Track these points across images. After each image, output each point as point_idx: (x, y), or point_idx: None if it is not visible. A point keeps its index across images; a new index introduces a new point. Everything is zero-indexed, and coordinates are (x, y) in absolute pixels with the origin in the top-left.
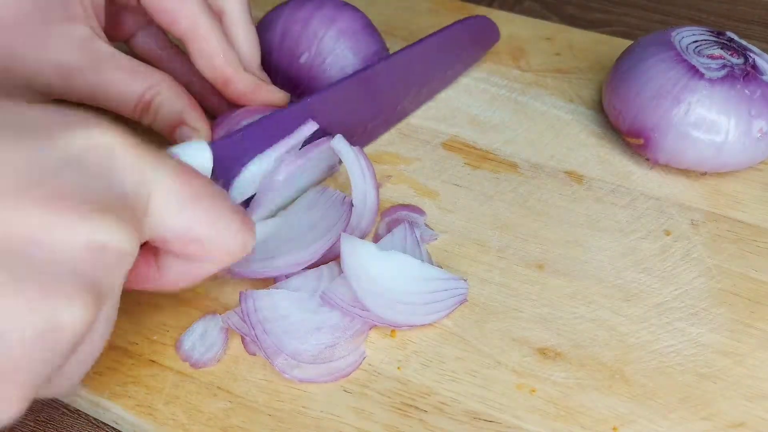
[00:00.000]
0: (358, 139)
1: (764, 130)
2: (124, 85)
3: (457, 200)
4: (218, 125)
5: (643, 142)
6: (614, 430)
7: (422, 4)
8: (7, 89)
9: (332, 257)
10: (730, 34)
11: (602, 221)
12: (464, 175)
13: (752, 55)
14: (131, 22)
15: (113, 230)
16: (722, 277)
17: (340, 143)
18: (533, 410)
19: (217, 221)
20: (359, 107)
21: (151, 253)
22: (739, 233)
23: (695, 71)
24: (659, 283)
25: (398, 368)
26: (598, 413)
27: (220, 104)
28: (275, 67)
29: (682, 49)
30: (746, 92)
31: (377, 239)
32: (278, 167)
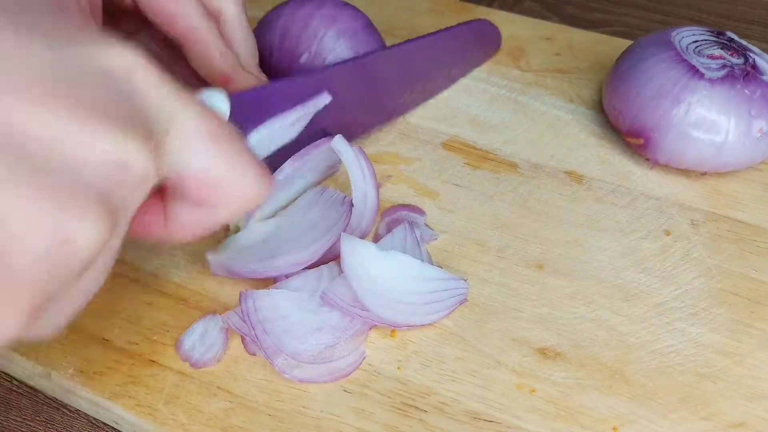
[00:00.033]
0: (355, 129)
1: (764, 130)
2: None
3: (457, 200)
4: None
5: (643, 142)
6: (614, 430)
7: (422, 4)
8: None
9: (332, 257)
10: (730, 34)
11: (602, 221)
12: (464, 175)
13: (752, 55)
14: (129, 22)
15: (135, 150)
16: (722, 277)
17: (340, 143)
18: (533, 410)
19: (236, 164)
20: (358, 93)
21: (158, 198)
22: (739, 233)
23: (695, 71)
24: (659, 283)
25: (398, 368)
26: (598, 413)
27: None
28: (275, 67)
29: (682, 49)
30: (746, 92)
31: (377, 239)
32: (280, 169)
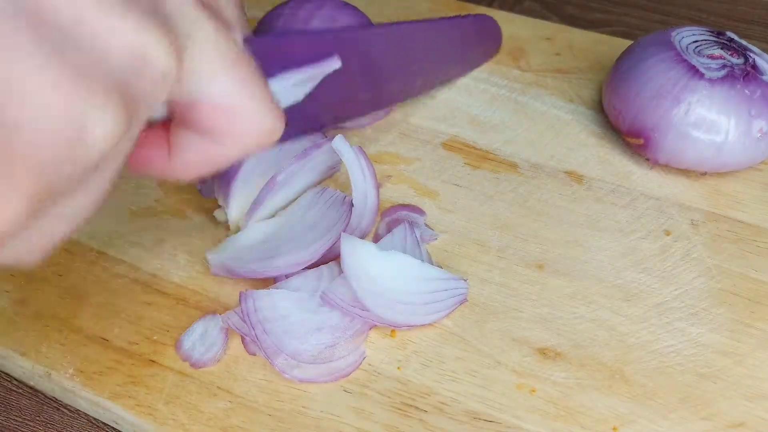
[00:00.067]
0: (355, 107)
1: (764, 130)
2: None
3: (457, 200)
4: None
5: (643, 142)
6: (614, 430)
7: (422, 3)
8: None
9: (332, 257)
10: (730, 34)
11: (602, 221)
12: (464, 175)
13: (752, 55)
14: None
15: (158, 44)
16: (722, 277)
17: (340, 143)
18: (533, 410)
19: (253, 94)
20: (362, 64)
21: (163, 130)
22: (739, 233)
23: (695, 71)
24: (659, 283)
25: (398, 368)
26: (598, 413)
27: None
28: None
29: (682, 49)
30: (746, 92)
31: (377, 239)
32: (280, 169)
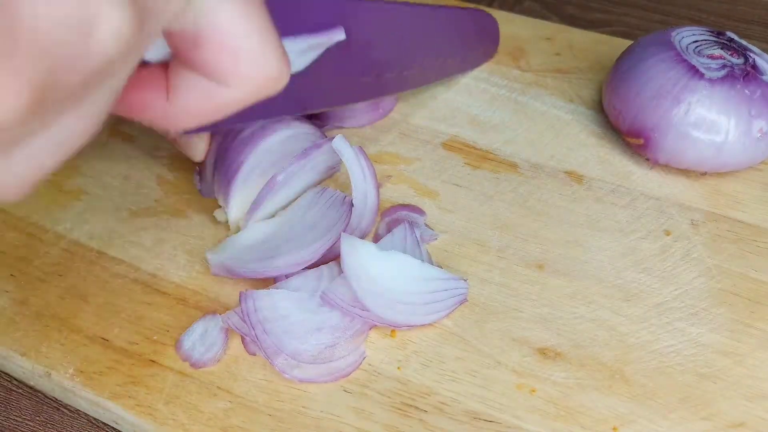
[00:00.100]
0: (351, 90)
1: (764, 130)
2: None
3: (457, 200)
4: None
5: (643, 142)
6: (614, 430)
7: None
8: None
9: (332, 257)
10: (730, 34)
11: (602, 221)
12: (464, 175)
13: (752, 55)
14: None
15: None
16: (722, 277)
17: (340, 143)
18: (533, 410)
19: (260, 33)
20: (361, 41)
21: (161, 72)
22: (739, 233)
23: (695, 71)
24: (659, 283)
25: (398, 368)
26: (598, 413)
27: None
28: None
29: (682, 49)
30: (746, 92)
31: (377, 239)
32: (280, 169)
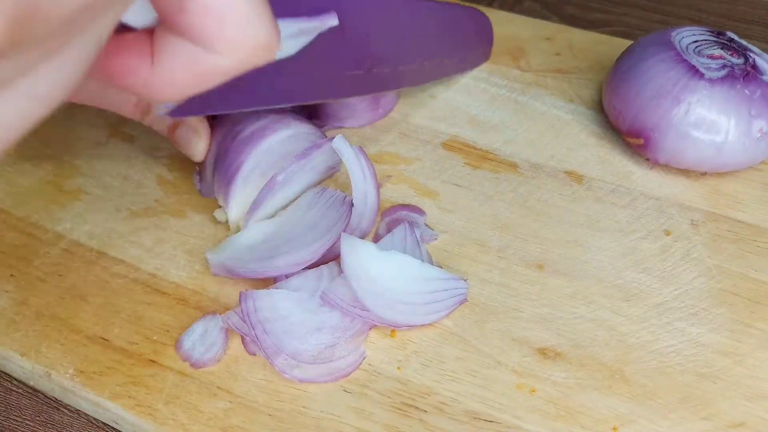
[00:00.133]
0: (343, 83)
1: (764, 130)
2: None
3: (457, 200)
4: (217, 125)
5: (643, 142)
6: (614, 430)
7: None
8: None
9: (332, 257)
10: (730, 34)
11: (602, 221)
12: (464, 175)
13: (752, 55)
14: None
15: None
16: (722, 277)
17: (340, 143)
18: (533, 410)
19: (250, 1)
20: (352, 31)
21: (146, 37)
22: (739, 233)
23: (695, 71)
24: (659, 283)
25: (398, 368)
26: (598, 413)
27: None
28: None
29: (682, 49)
30: (746, 92)
31: (377, 239)
32: (280, 169)
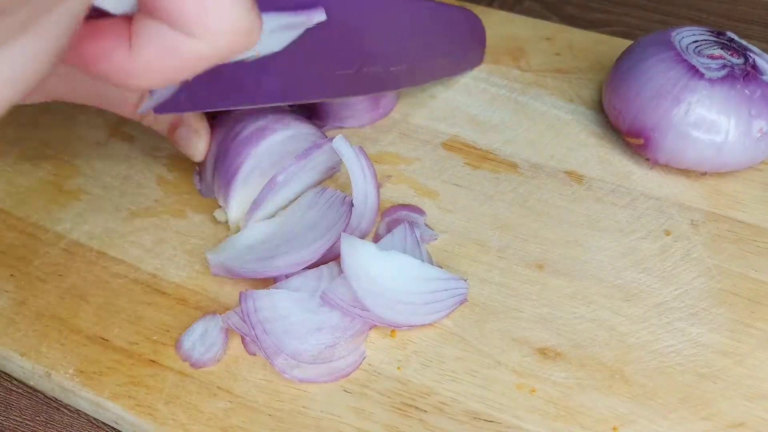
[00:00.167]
0: (333, 83)
1: (764, 130)
2: None
3: (457, 200)
4: (218, 124)
5: (643, 142)
6: (614, 430)
7: None
8: None
9: (332, 257)
10: (730, 34)
11: (602, 221)
12: (464, 175)
13: (752, 55)
14: None
15: None
16: (722, 277)
17: (340, 143)
18: (533, 410)
19: None
20: (341, 32)
21: (124, 23)
22: (739, 233)
23: (695, 71)
24: (659, 283)
25: (398, 368)
26: (598, 413)
27: None
28: None
29: (682, 49)
30: (746, 92)
31: (377, 239)
32: (280, 170)
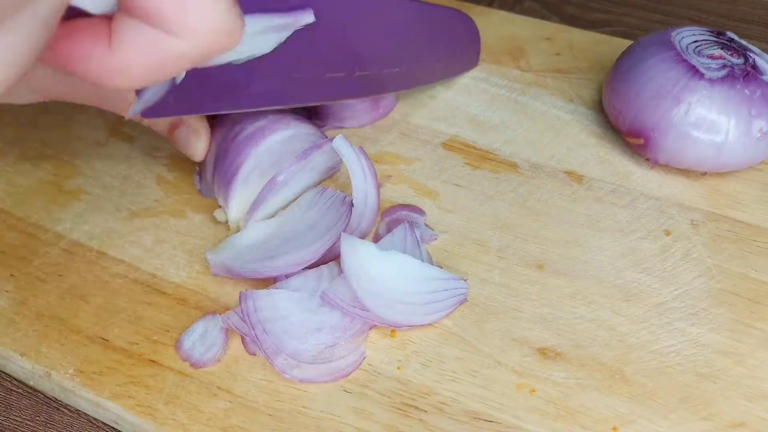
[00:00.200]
0: (325, 86)
1: (764, 130)
2: None
3: (457, 200)
4: (217, 125)
5: (643, 142)
6: (614, 430)
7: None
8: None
9: (332, 257)
10: (730, 34)
11: (602, 221)
12: (464, 175)
13: (752, 55)
14: None
15: None
16: (722, 277)
17: (340, 143)
18: (533, 410)
19: None
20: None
21: (104, 23)
22: (739, 233)
23: (695, 71)
24: (659, 283)
25: (398, 368)
26: (598, 413)
27: None
28: None
29: (682, 49)
30: (746, 92)
31: (377, 239)
32: (279, 170)
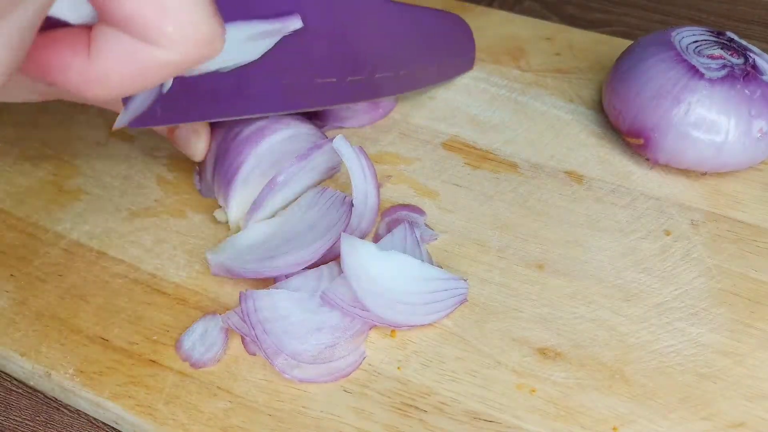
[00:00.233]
0: (318, 91)
1: (764, 130)
2: None
3: (457, 200)
4: (217, 125)
5: (643, 142)
6: (614, 430)
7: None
8: (6, 88)
9: (332, 257)
10: (730, 34)
11: (602, 221)
12: (464, 175)
13: (752, 55)
14: None
15: None
16: (722, 277)
17: (341, 143)
18: (533, 410)
19: None
20: (325, 38)
21: (83, 32)
22: (739, 233)
23: (695, 71)
24: (659, 283)
25: (398, 368)
26: (598, 413)
27: None
28: None
29: (682, 49)
30: (746, 92)
31: (377, 239)
32: (280, 170)
